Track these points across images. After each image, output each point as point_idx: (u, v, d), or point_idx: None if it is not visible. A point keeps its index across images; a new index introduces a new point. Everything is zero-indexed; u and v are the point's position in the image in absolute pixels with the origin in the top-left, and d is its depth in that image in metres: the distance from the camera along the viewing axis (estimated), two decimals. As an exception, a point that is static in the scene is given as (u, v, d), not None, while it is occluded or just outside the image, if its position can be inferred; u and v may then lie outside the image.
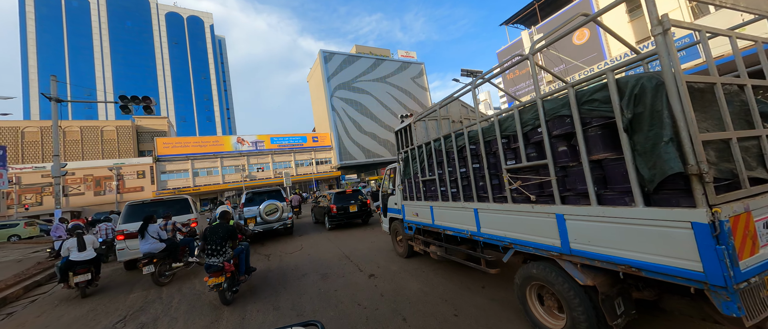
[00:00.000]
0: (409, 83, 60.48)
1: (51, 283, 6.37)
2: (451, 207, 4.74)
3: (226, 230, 4.42)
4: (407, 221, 5.87)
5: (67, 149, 38.14)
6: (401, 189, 6.06)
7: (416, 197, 5.58)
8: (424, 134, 5.75)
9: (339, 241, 7.58)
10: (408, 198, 5.82)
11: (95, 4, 61.38)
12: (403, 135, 6.07)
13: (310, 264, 5.91)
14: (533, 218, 3.22)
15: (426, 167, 5.20)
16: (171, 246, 5.76)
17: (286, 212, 8.64)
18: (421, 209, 5.45)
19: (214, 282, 4.09)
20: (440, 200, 4.95)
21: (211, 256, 4.24)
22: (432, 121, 5.86)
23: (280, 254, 6.90)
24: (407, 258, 6.14)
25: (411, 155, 5.62)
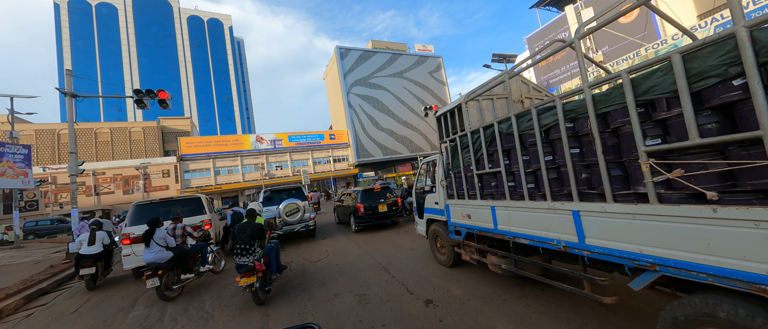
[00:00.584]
0: (427, 77, 58.72)
1: (57, 291, 5.77)
2: (527, 208, 3.55)
3: (254, 229, 4.27)
4: (454, 225, 4.75)
5: (99, 150, 39.76)
6: (444, 186, 4.94)
7: (468, 195, 4.43)
8: (478, 116, 4.56)
9: (370, 246, 6.52)
10: (455, 196, 4.69)
11: (123, 10, 63.98)
12: (449, 120, 4.90)
13: (341, 277, 4.91)
14: (716, 228, 1.98)
15: (484, 156, 4.02)
16: (180, 255, 4.96)
17: (308, 212, 7.66)
18: (476, 209, 4.29)
19: (246, 283, 3.95)
20: (508, 199, 3.77)
21: (241, 256, 4.12)
22: (474, 104, 4.66)
23: (303, 262, 5.93)
24: (451, 266, 5.04)
25: (461, 143, 4.47)
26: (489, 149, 4.04)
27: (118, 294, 5.01)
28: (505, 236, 3.87)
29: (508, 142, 3.78)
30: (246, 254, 4.11)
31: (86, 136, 39.57)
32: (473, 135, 4.24)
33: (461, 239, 4.65)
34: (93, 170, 35.40)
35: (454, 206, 4.73)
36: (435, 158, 5.37)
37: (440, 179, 5.05)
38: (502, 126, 3.78)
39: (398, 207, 8.51)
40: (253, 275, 3.95)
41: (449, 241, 4.93)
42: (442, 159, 5.05)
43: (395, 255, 5.76)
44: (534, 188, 3.59)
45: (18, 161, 11.60)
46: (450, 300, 3.82)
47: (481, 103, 4.57)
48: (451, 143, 4.75)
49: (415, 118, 55.12)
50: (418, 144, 54.16)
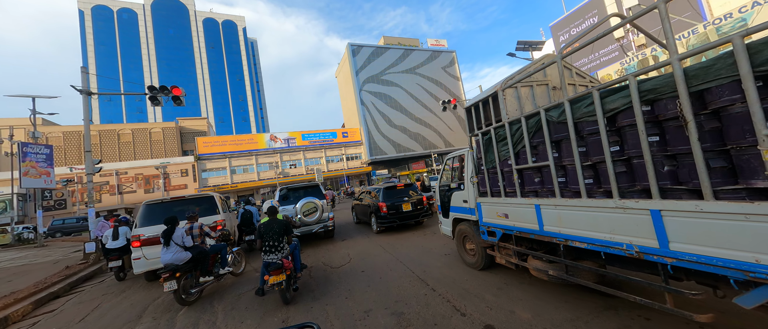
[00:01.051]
0: (440, 72, 57.58)
1: (68, 295, 5.63)
2: (585, 207, 3.00)
3: (281, 225, 4.24)
4: (487, 225, 4.24)
5: (122, 150, 41.20)
6: (475, 182, 4.43)
7: (505, 192, 3.91)
8: (517, 105, 3.99)
9: (397, 250, 5.86)
10: (489, 194, 4.18)
11: (142, 15, 66.08)
12: (482, 110, 4.35)
13: (370, 289, 4.24)
14: None
15: (527, 149, 3.48)
16: (199, 256, 4.63)
17: (327, 212, 7.19)
18: (515, 208, 3.76)
19: (275, 281, 3.89)
20: (558, 197, 3.22)
21: (269, 253, 4.08)
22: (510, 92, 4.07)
23: (324, 268, 5.34)
24: (482, 269, 4.55)
25: (496, 135, 3.93)
26: (533, 140, 3.50)
27: (128, 301, 4.76)
28: (555, 239, 3.33)
29: (558, 132, 3.22)
30: (275, 251, 4.08)
31: (110, 137, 41.08)
32: (512, 126, 3.70)
33: (496, 241, 4.13)
34: (116, 170, 36.70)
35: (488, 204, 4.21)
36: (462, 153, 4.85)
37: (470, 176, 4.53)
38: (552, 114, 3.23)
39: (423, 206, 7.81)
40: (282, 273, 3.93)
41: (481, 242, 4.43)
42: (472, 154, 4.53)
43: (429, 261, 5.07)
44: (593, 183, 3.02)
45: (40, 161, 11.84)
46: (516, 325, 3.01)
47: (519, 90, 4.01)
48: (483, 137, 4.22)
49: (428, 114, 54.20)
50: (431, 141, 53.27)
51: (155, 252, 5.32)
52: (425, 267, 4.79)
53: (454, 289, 3.94)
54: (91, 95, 9.09)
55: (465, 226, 4.72)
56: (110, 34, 62.40)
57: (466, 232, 4.73)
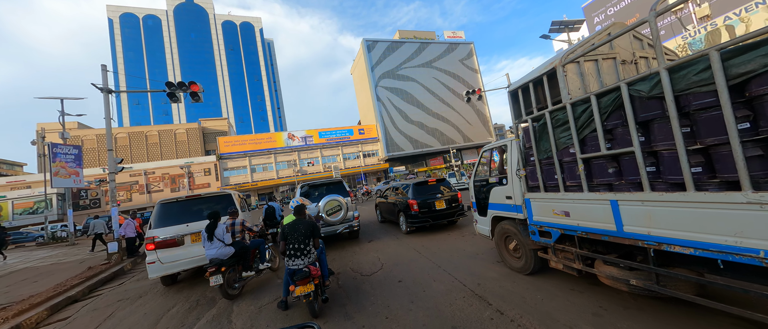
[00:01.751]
0: (458, 65, 55.89)
1: (86, 299, 5.46)
2: (692, 203, 2.28)
3: (308, 227, 3.68)
4: (538, 224, 3.58)
5: (149, 151, 43.03)
6: (522, 176, 3.73)
7: (566, 186, 3.22)
8: (580, 83, 3.26)
9: (435, 255, 5.04)
10: (542, 188, 3.50)
11: (165, 21, 68.71)
12: (532, 92, 3.63)
13: (415, 307, 3.40)
14: None
15: (599, 134, 2.78)
16: (241, 251, 4.68)
17: (352, 211, 6.58)
18: (581, 205, 3.08)
19: (302, 292, 3.31)
20: (648, 190, 2.51)
21: (294, 258, 3.51)
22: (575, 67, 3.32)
23: (353, 275, 4.63)
24: (530, 274, 3.90)
25: (553, 120, 3.24)
26: (608, 123, 2.78)
27: (142, 309, 4.44)
28: (641, 242, 2.62)
29: (647, 110, 2.50)
30: (300, 255, 3.51)
31: (138, 138, 42.99)
32: (577, 107, 3.00)
33: (551, 243, 3.45)
34: (144, 170, 38.35)
35: (540, 201, 3.53)
36: (504, 144, 4.16)
37: (515, 169, 3.85)
38: (640, 88, 2.50)
39: (458, 204, 7.00)
40: (309, 281, 3.34)
41: (530, 244, 3.77)
42: (519, 144, 3.84)
43: (479, 270, 4.16)
44: (702, 172, 2.29)
45: (69, 161, 12.18)
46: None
47: (582, 66, 3.27)
48: (535, 123, 3.52)
49: (446, 109, 52.81)
50: (449, 136, 51.92)
51: (171, 255, 5.04)
52: (477, 277, 3.98)
53: (530, 313, 3.00)
54: (111, 94, 9.07)
55: (508, 225, 4.06)
56: (137, 40, 65.34)
57: (508, 232, 4.08)
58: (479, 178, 4.72)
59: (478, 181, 4.68)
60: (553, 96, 3.32)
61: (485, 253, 4.90)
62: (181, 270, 5.08)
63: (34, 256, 11.36)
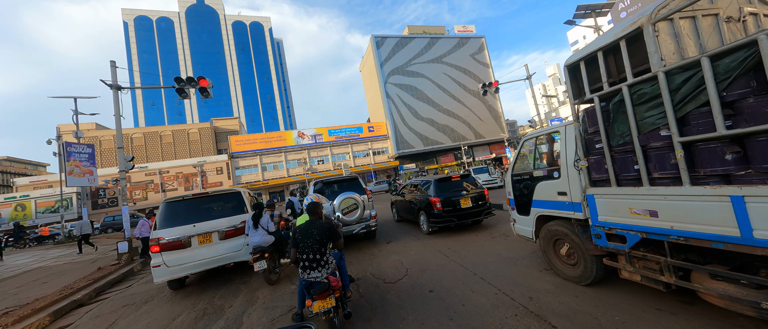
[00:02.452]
0: (468, 60, 54.56)
1: (92, 303, 5.13)
2: None
3: (323, 230, 2.96)
4: (606, 225, 2.93)
5: (164, 151, 43.75)
6: (583, 168, 3.08)
7: (652, 178, 2.54)
8: (674, 46, 2.55)
9: (465, 258, 4.46)
10: (613, 182, 2.86)
11: (178, 23, 69.83)
12: (602, 63, 2.91)
13: (457, 327, 2.83)
14: None
15: (715, 109, 2.10)
16: (279, 239, 5.06)
17: (369, 210, 6.05)
18: (679, 203, 2.38)
19: (321, 308, 2.73)
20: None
21: (311, 270, 2.84)
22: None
23: (375, 282, 4.08)
24: (590, 285, 3.26)
25: (634, 95, 2.58)
26: (729, 93, 2.10)
27: (146, 318, 4.04)
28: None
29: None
30: (317, 266, 2.84)
31: (153, 138, 43.76)
32: (675, 76, 2.32)
33: (626, 249, 2.79)
34: (159, 169, 38.97)
35: (610, 197, 2.88)
36: (554, 130, 3.50)
37: (573, 160, 3.19)
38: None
39: (485, 202, 6.32)
40: (329, 295, 2.77)
41: (591, 249, 3.14)
42: (578, 128, 3.18)
43: (529, 280, 3.47)
44: None
45: (83, 161, 12.09)
46: None
47: (676, 24, 2.57)
48: (607, 101, 2.86)
49: (456, 105, 51.66)
50: (461, 133, 50.80)
51: (177, 258, 4.62)
52: (526, 288, 3.30)
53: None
54: (121, 90, 8.80)
55: (559, 226, 3.44)
56: (151, 42, 66.67)
57: (558, 234, 3.45)
58: (519, 172, 4.05)
59: (518, 175, 4.03)
60: (633, 66, 2.64)
61: (526, 258, 4.24)
62: (188, 273, 4.66)
63: (49, 255, 11.34)
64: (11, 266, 9.59)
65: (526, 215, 3.85)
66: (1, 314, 4.47)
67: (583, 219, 3.19)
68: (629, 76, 2.64)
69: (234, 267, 5.61)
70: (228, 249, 4.94)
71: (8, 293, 6.32)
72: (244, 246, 5.06)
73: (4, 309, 4.94)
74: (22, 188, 35.90)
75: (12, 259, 11.16)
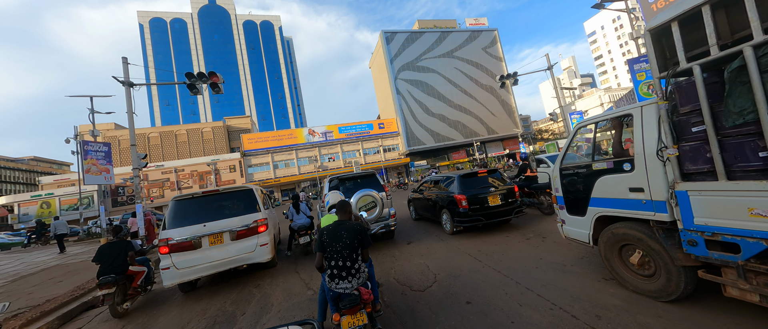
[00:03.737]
0: (480, 54, 53.23)
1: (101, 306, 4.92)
2: None
3: (354, 233, 2.51)
4: (709, 230, 2.35)
5: (179, 149, 44.62)
6: (670, 158, 2.51)
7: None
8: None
9: (499, 263, 3.98)
10: (722, 175, 2.26)
11: (191, 23, 71.04)
12: (710, 20, 2.26)
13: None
14: None
15: None
16: (312, 222, 6.54)
17: (388, 208, 5.70)
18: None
19: (352, 324, 2.31)
20: None
21: (340, 280, 2.43)
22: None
23: (401, 290, 3.61)
24: (673, 301, 2.65)
25: (763, 59, 2.00)
26: None
27: (154, 326, 3.77)
28: None
29: None
30: (347, 276, 2.43)
31: (169, 137, 44.70)
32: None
33: (740, 261, 2.23)
34: (175, 168, 39.78)
35: (718, 195, 2.29)
36: (626, 113, 2.88)
37: (656, 147, 2.61)
38: None
39: (515, 199, 5.77)
40: (361, 310, 2.36)
41: (679, 259, 2.56)
42: (664, 108, 2.55)
43: (589, 292, 2.95)
44: None
45: (100, 159, 12.18)
46: None
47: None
48: (704, 74, 2.31)
49: (468, 100, 50.55)
50: (473, 129, 49.74)
51: (187, 260, 4.35)
52: (588, 303, 2.75)
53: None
54: (133, 87, 8.68)
55: (628, 229, 2.86)
56: (165, 44, 68.11)
57: (628, 239, 2.87)
58: (571, 164, 3.45)
59: (569, 169, 3.44)
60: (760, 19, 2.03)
61: (575, 264, 3.68)
62: (198, 276, 4.40)
63: (68, 252, 11.49)
64: (31, 263, 9.72)
65: (581, 216, 3.25)
66: (10, 317, 4.33)
67: (669, 222, 2.60)
68: (757, 32, 2.01)
69: (247, 269, 5.33)
70: (240, 250, 4.65)
71: (24, 292, 6.27)
72: (256, 247, 4.76)
73: (15, 311, 4.82)
74: (47, 187, 37.34)
75: (32, 256, 11.38)
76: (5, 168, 58.29)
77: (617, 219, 3.02)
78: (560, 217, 3.64)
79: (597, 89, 62.84)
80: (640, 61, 11.89)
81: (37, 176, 49.69)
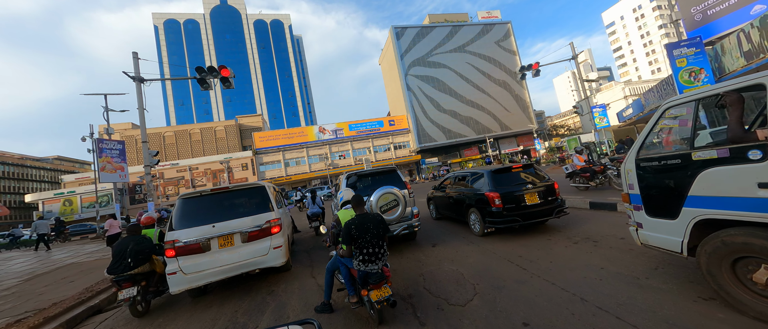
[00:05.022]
0: (493, 48, 51.72)
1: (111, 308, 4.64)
2: None
3: (379, 224, 3.08)
4: None
5: (193, 148, 45.34)
6: None
7: None
8: None
9: (548, 272, 3.41)
10: None
11: (203, 24, 72.08)
12: None
13: None
14: None
15: None
16: (323, 212, 8.10)
17: (411, 207, 5.08)
18: None
19: (379, 297, 2.79)
20: None
21: (369, 263, 2.93)
22: None
23: (436, 303, 3.12)
24: None
25: None
26: None
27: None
28: None
29: None
30: (376, 260, 2.95)
31: (183, 136, 45.47)
32: None
33: None
34: (189, 166, 40.40)
35: None
36: (749, 85, 2.15)
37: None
38: None
39: (556, 197, 5.10)
40: (385, 285, 2.89)
41: None
42: None
43: (689, 317, 2.30)
44: None
45: (115, 157, 12.15)
46: None
47: None
48: None
49: (480, 96, 49.25)
50: (485, 125, 48.49)
51: (195, 264, 3.97)
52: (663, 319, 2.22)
53: None
54: (143, 82, 8.45)
55: (750, 237, 2.18)
56: (179, 44, 69.40)
57: (751, 250, 2.20)
58: (655, 154, 2.76)
59: (652, 159, 2.74)
60: None
61: (653, 276, 2.97)
62: (207, 282, 4.01)
63: (84, 250, 11.51)
64: (48, 261, 9.71)
65: (669, 219, 2.60)
66: (13, 322, 4.07)
67: None
68: None
69: (259, 273, 4.92)
70: (252, 253, 4.24)
71: (35, 292, 6.10)
72: (269, 250, 4.34)
73: (20, 314, 4.57)
74: (69, 185, 38.57)
75: (49, 254, 11.46)
76: (31, 167, 60.84)
77: (729, 224, 2.35)
78: (635, 220, 2.96)
79: (616, 82, 60.23)
80: (680, 46, 10.86)
81: (60, 175, 51.56)
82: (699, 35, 10.86)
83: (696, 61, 10.60)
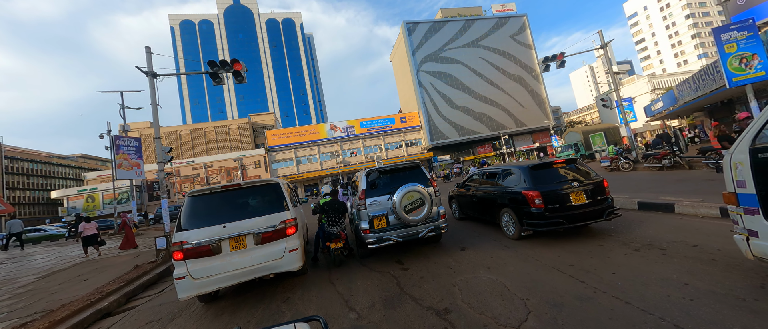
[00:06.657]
0: (508, 42, 50.15)
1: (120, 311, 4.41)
2: None
3: (341, 206, 5.40)
4: None
5: (208, 146, 46.13)
6: None
7: None
8: None
9: (613, 287, 2.81)
10: None
11: (217, 24, 73.23)
12: None
13: None
14: None
15: None
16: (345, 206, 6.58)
17: (437, 206, 4.65)
18: None
19: (336, 246, 4.95)
20: None
21: (332, 226, 5.24)
22: None
23: (483, 323, 2.55)
24: None
25: None
26: None
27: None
28: None
29: None
30: (335, 225, 5.13)
31: (199, 135, 46.33)
32: None
33: None
34: (204, 164, 41.11)
35: None
36: None
37: None
38: None
39: (606, 196, 4.52)
40: (340, 241, 4.90)
41: None
42: None
43: None
44: None
45: (131, 154, 12.16)
46: None
47: None
48: None
49: (495, 91, 47.90)
50: (499, 121, 47.17)
51: (205, 268, 3.64)
52: None
53: None
54: (156, 78, 8.27)
55: None
56: (194, 45, 70.79)
57: None
58: None
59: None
60: None
61: (763, 298, 2.32)
62: (218, 287, 3.66)
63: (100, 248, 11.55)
64: (66, 258, 9.76)
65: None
66: (19, 326, 3.85)
67: None
68: None
69: (274, 278, 4.55)
70: (266, 257, 3.87)
71: (48, 290, 5.99)
72: (284, 253, 3.95)
73: (29, 316, 4.38)
74: (91, 182, 39.93)
75: (67, 250, 11.58)
76: (57, 165, 63.53)
77: None
78: (745, 226, 2.36)
79: (639, 76, 57.39)
80: (729, 30, 9.77)
81: (83, 172, 53.57)
82: (751, 17, 9.75)
83: (748, 46, 9.54)
